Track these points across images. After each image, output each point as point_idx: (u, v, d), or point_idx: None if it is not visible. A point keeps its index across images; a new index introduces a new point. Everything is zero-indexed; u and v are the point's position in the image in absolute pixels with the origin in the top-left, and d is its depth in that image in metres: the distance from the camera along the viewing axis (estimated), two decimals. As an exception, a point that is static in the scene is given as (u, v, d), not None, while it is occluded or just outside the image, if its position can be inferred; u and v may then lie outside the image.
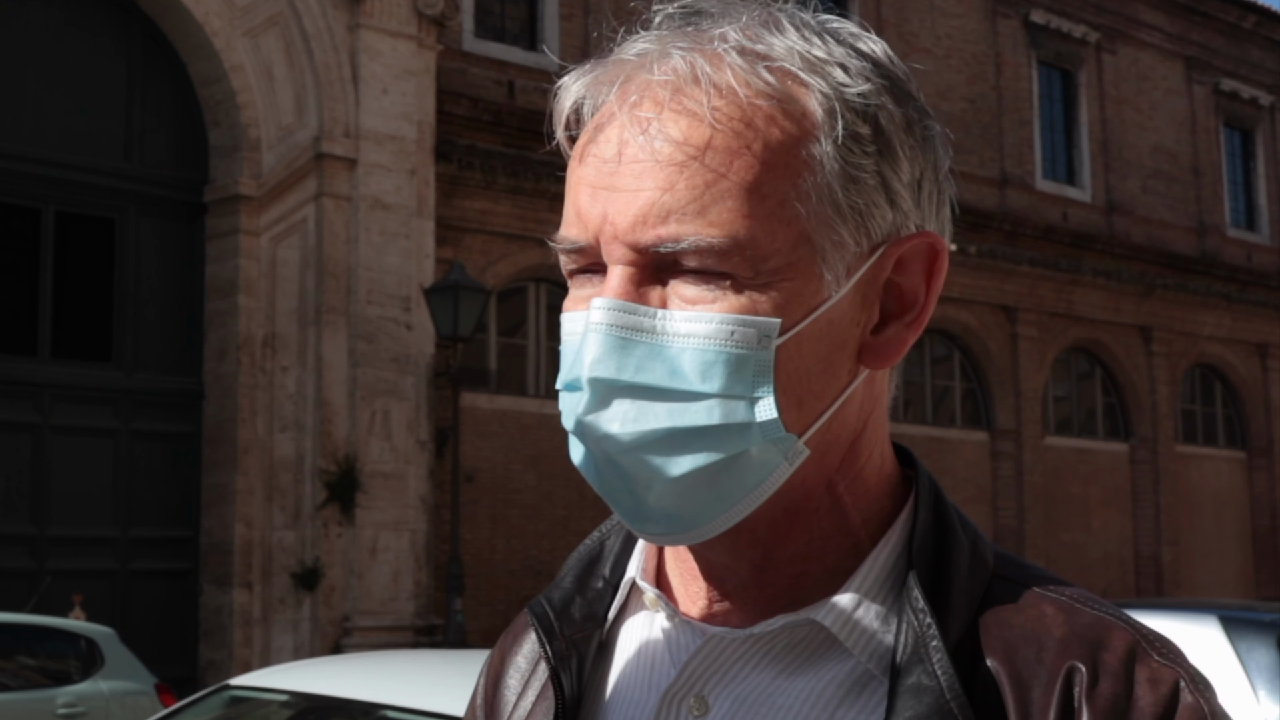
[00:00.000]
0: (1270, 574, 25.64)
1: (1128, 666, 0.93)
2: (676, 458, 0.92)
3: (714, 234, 0.90)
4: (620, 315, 0.92)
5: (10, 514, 13.87)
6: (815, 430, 0.95)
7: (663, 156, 0.91)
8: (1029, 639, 0.95)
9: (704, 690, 1.00)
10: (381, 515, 14.81)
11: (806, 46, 0.95)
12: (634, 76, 0.94)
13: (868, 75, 0.95)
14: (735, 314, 0.91)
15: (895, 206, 0.96)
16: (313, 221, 14.92)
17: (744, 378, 0.92)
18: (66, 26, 14.54)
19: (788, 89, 0.93)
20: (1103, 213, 24.44)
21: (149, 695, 10.11)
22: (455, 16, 16.70)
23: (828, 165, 0.93)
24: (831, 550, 1.00)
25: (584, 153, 0.96)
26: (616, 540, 1.12)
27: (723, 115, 0.92)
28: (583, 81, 0.97)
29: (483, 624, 15.83)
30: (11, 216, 14.37)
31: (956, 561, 0.99)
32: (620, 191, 0.92)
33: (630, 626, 1.08)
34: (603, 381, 0.92)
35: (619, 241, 0.93)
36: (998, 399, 22.00)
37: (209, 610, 14.60)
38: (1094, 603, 0.99)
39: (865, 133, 0.94)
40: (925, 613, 0.95)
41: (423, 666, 4.96)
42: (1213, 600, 7.44)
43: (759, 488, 0.95)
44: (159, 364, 14.90)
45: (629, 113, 0.93)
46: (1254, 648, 5.44)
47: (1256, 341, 26.10)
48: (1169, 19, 25.92)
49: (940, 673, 0.93)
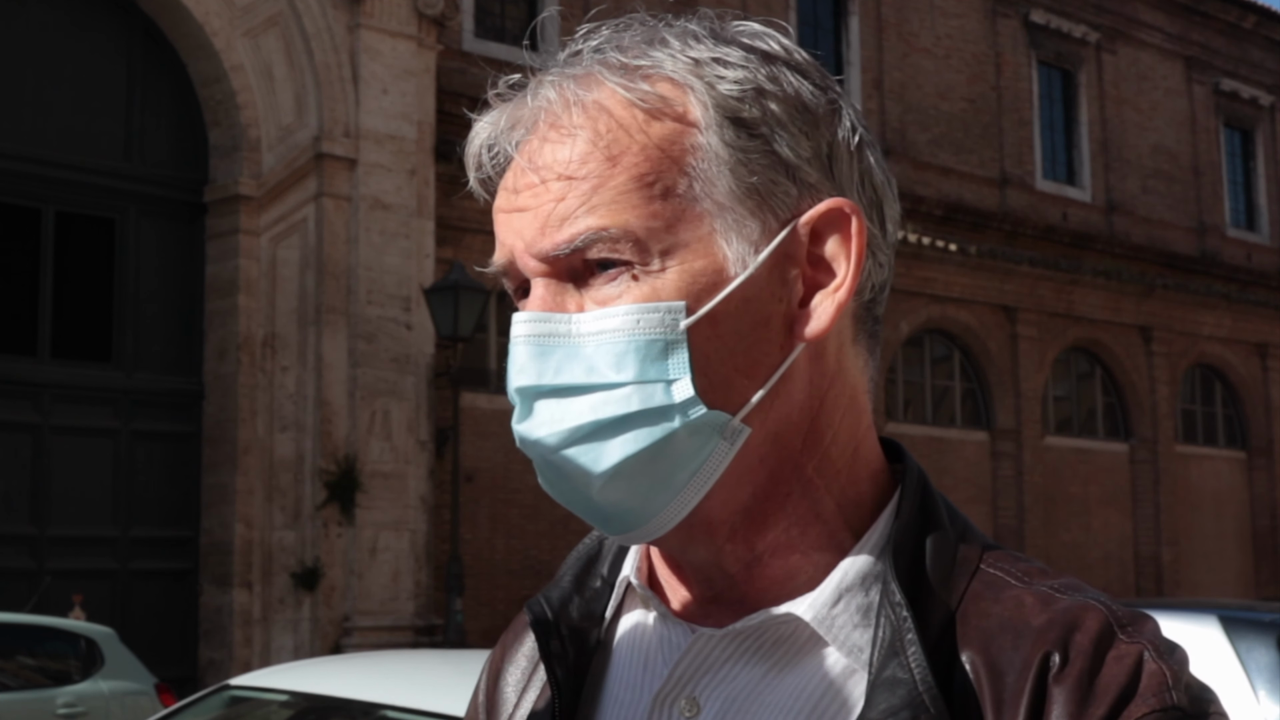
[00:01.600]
0: (1270, 574, 25.64)
1: (1098, 647, 0.94)
2: (605, 450, 0.96)
3: (605, 223, 0.96)
4: (536, 325, 0.99)
5: (10, 514, 13.87)
6: (753, 407, 0.97)
7: (550, 175, 0.98)
8: (1006, 628, 0.96)
9: (695, 691, 1.01)
10: (381, 515, 14.81)
11: (684, 50, 1.00)
12: (517, 113, 1.02)
13: (747, 64, 0.99)
14: (638, 303, 0.96)
15: (799, 182, 0.99)
16: (313, 221, 14.92)
17: (656, 362, 0.95)
18: (66, 26, 14.54)
19: (664, 92, 0.99)
20: (1103, 213, 24.45)
21: (149, 695, 10.11)
22: (455, 16, 16.70)
23: (712, 152, 0.98)
24: (813, 541, 1.01)
25: (498, 189, 1.04)
26: (615, 539, 1.12)
27: (594, 127, 0.98)
28: (485, 124, 1.04)
29: (483, 624, 15.83)
30: (11, 216, 14.37)
31: (939, 553, 1.00)
32: (522, 212, 1.00)
33: (626, 626, 1.09)
34: (528, 390, 0.98)
35: (528, 254, 1.00)
36: (998, 399, 22.00)
37: (209, 610, 14.60)
38: (1075, 590, 0.99)
39: (748, 116, 0.98)
40: (902, 606, 0.96)
41: (423, 666, 4.96)
42: (1213, 600, 7.43)
43: (701, 469, 0.97)
44: (159, 364, 14.90)
45: (518, 150, 1.01)
46: (1254, 648, 5.44)
47: (1256, 341, 26.10)
48: (1169, 19, 25.92)
49: (914, 665, 0.94)
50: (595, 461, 0.96)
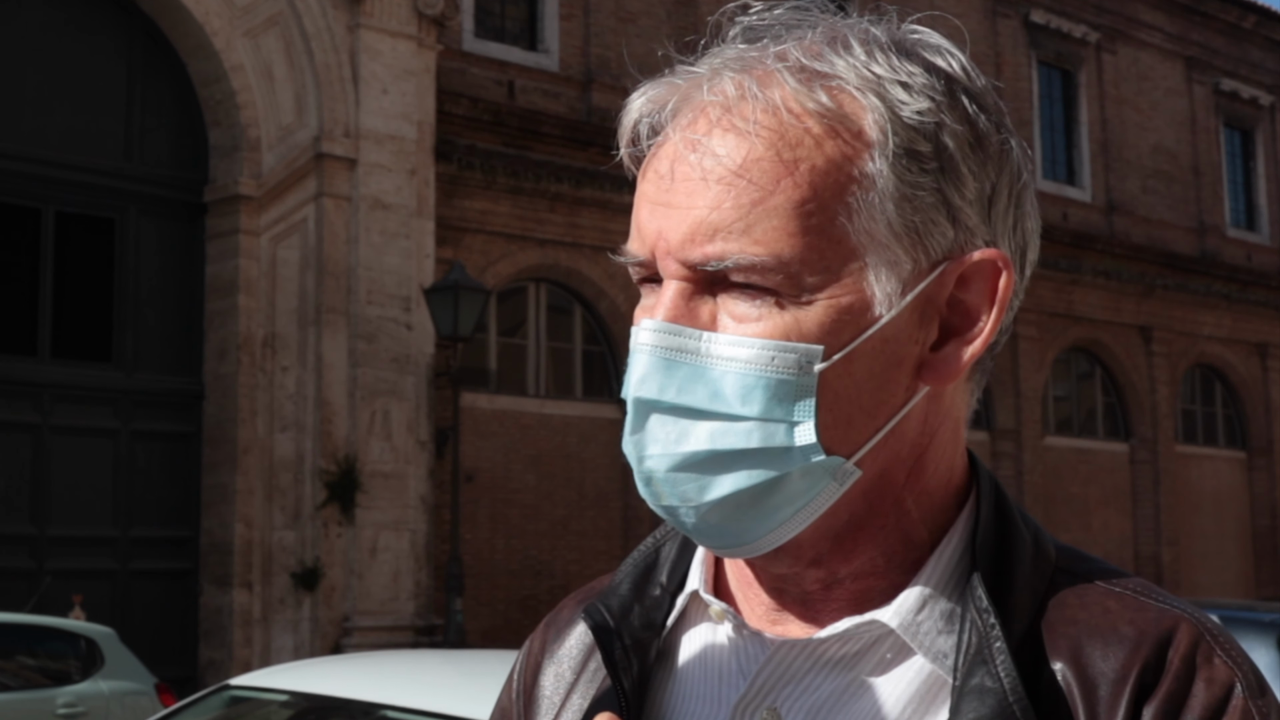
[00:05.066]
0: (1270, 574, 25.64)
1: (1189, 664, 0.93)
2: (717, 479, 0.94)
3: (758, 251, 0.92)
4: (665, 337, 0.94)
5: (10, 514, 13.86)
6: (868, 450, 0.95)
7: (711, 175, 0.93)
8: (1094, 636, 0.95)
9: (776, 701, 0.99)
10: (381, 515, 14.81)
11: (867, 63, 0.95)
12: (689, 97, 0.96)
13: (932, 92, 0.95)
14: (776, 339, 0.92)
15: (957, 224, 0.96)
16: (313, 221, 14.92)
17: (783, 403, 0.93)
18: (66, 26, 14.54)
19: (841, 107, 0.94)
20: (1103, 213, 24.45)
21: (149, 695, 10.10)
22: (455, 16, 16.70)
23: (880, 183, 0.93)
24: (898, 565, 1.00)
25: (645, 170, 0.99)
26: (672, 547, 1.11)
27: (770, 133, 0.93)
28: (643, 99, 1.00)
29: (483, 624, 15.83)
30: (11, 216, 14.36)
31: (1020, 557, 0.99)
32: (673, 209, 0.95)
33: (693, 637, 1.07)
34: (646, 402, 0.94)
35: (671, 257, 0.95)
36: (998, 399, 22.01)
37: (209, 610, 14.60)
38: (1157, 594, 0.98)
39: (924, 150, 0.94)
40: (989, 612, 0.95)
41: (423, 666, 4.96)
42: (1213, 600, 7.43)
43: (807, 507, 0.95)
44: (159, 364, 14.90)
45: (681, 133, 0.95)
46: (1254, 648, 5.45)
47: (1256, 341, 26.10)
48: (1169, 19, 25.92)
49: (1004, 674, 0.92)
50: (704, 488, 0.94)
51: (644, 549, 1.13)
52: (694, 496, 0.94)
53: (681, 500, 0.95)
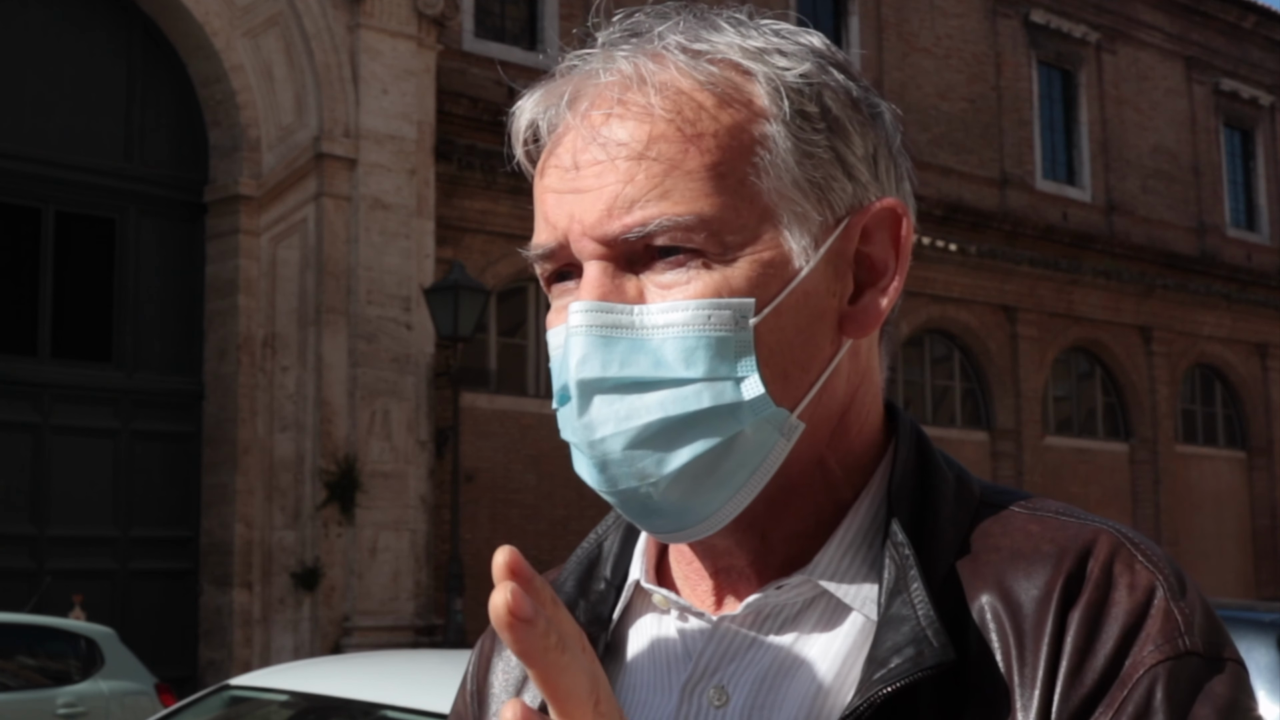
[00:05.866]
0: (1270, 574, 25.64)
1: (1108, 571, 0.94)
2: (674, 451, 0.94)
3: (680, 210, 0.94)
4: (598, 315, 0.95)
5: (10, 514, 13.86)
6: (807, 403, 0.97)
7: (618, 154, 0.95)
8: (1017, 559, 0.96)
9: (723, 680, 1.00)
10: (381, 515, 14.81)
11: (744, 39, 0.99)
12: (583, 85, 0.99)
13: (807, 58, 0.99)
14: (709, 298, 0.94)
15: (853, 179, 0.99)
16: (313, 221, 14.92)
17: (727, 359, 0.94)
18: (66, 26, 14.54)
19: (731, 78, 0.97)
20: (1103, 213, 24.44)
21: (149, 695, 10.11)
22: (455, 16, 16.70)
23: (780, 143, 0.97)
24: (825, 522, 1.01)
25: (545, 166, 1.01)
26: (614, 541, 1.12)
27: (671, 108, 0.95)
28: (534, 99, 1.02)
29: (482, 624, 15.72)
30: (11, 216, 14.37)
31: (942, 496, 1.01)
32: (584, 192, 0.96)
33: (639, 628, 1.08)
34: (590, 382, 0.94)
35: (587, 237, 0.96)
36: (998, 399, 22.00)
37: (209, 610, 14.60)
38: (1079, 514, 1.00)
39: (813, 110, 0.98)
40: (904, 545, 0.96)
41: (423, 666, 4.96)
42: (1213, 600, 7.43)
43: (760, 467, 0.96)
44: (159, 364, 14.90)
45: (581, 119, 0.97)
46: (1254, 648, 5.44)
47: (1256, 341, 26.10)
48: (1169, 19, 25.92)
49: (917, 601, 0.94)
50: (661, 464, 0.94)
51: (586, 545, 1.13)
52: (653, 471, 0.94)
53: (640, 479, 0.95)
